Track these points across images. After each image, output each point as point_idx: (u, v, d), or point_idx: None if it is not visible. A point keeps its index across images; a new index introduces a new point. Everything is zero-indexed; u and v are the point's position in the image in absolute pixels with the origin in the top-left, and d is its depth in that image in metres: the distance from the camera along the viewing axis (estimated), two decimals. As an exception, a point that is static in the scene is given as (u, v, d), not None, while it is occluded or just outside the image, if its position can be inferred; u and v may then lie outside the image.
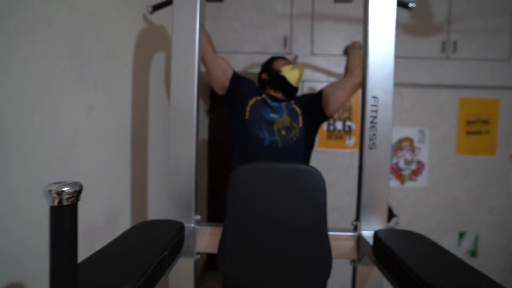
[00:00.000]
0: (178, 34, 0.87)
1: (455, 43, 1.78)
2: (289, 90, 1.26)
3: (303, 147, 1.21)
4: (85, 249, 0.81)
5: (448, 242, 1.87)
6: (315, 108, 1.26)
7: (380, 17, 0.82)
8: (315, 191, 0.74)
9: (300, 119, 1.22)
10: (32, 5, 0.64)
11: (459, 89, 1.84)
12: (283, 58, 1.35)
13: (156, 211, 1.29)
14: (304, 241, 0.74)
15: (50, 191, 0.32)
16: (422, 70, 1.80)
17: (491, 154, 1.84)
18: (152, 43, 1.26)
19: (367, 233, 0.78)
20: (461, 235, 1.87)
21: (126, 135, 1.05)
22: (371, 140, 0.78)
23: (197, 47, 0.86)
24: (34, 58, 0.65)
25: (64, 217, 0.33)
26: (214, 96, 2.46)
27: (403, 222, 1.85)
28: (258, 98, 1.23)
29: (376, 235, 0.66)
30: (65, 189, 0.32)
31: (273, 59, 1.35)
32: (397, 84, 1.81)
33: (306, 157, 1.25)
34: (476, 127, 1.84)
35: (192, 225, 0.83)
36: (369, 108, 0.78)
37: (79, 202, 0.37)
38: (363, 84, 0.82)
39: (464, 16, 1.79)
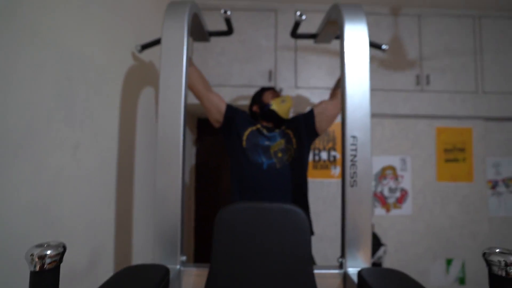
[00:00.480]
0: (166, 71, 0.90)
1: (427, 76, 1.92)
2: (280, 122, 1.31)
3: (299, 166, 1.26)
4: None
5: (436, 270, 1.87)
6: (307, 127, 1.31)
7: (355, 60, 0.88)
8: (299, 231, 0.74)
9: (294, 140, 1.28)
10: (21, 50, 0.66)
11: (435, 119, 1.94)
12: (272, 89, 1.40)
13: (141, 247, 1.25)
14: (290, 282, 0.74)
15: (32, 255, 0.32)
16: (400, 102, 1.91)
17: (469, 181, 1.92)
18: (141, 79, 1.29)
19: (353, 270, 0.78)
20: (449, 262, 1.88)
21: (111, 172, 1.05)
22: (352, 178, 0.81)
23: (183, 84, 0.89)
24: (20, 102, 0.66)
25: (45, 282, 0.32)
26: (201, 126, 2.48)
27: (391, 251, 1.86)
28: (253, 128, 1.29)
29: (360, 275, 0.67)
30: (47, 252, 0.32)
31: (262, 91, 1.40)
32: (378, 115, 1.90)
33: (302, 176, 1.29)
34: (453, 154, 1.93)
35: (178, 266, 0.81)
36: (349, 147, 0.82)
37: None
38: (342, 124, 0.86)
39: (434, 54, 1.94)
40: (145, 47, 1.21)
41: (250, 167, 1.22)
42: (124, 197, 1.13)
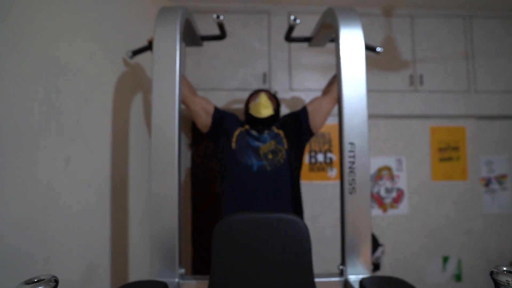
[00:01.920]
0: (159, 77, 0.88)
1: (421, 77, 1.93)
2: (261, 123, 1.26)
3: (291, 168, 1.23)
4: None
5: (433, 268, 1.89)
6: (300, 126, 1.28)
7: (352, 64, 0.88)
8: (299, 240, 0.73)
9: (285, 141, 1.25)
10: (7, 59, 0.64)
11: (429, 119, 1.96)
12: (257, 91, 1.37)
13: (138, 261, 1.22)
14: (292, 293, 0.73)
15: None
16: (394, 102, 1.92)
17: (463, 179, 1.94)
18: (132, 86, 1.26)
19: (354, 278, 0.78)
20: (445, 259, 1.90)
21: (105, 183, 1.02)
22: (350, 185, 0.80)
23: (177, 90, 0.87)
24: (8, 114, 0.64)
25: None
26: (196, 130, 2.46)
27: (389, 250, 1.86)
28: (242, 129, 1.26)
29: (362, 285, 0.66)
30: None
31: (250, 96, 1.38)
32: (373, 116, 1.91)
33: (294, 178, 1.25)
34: (448, 153, 1.95)
35: (176, 280, 0.80)
36: (347, 154, 0.81)
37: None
38: (339, 130, 0.85)
39: (426, 54, 1.96)
40: (136, 53, 1.18)
41: (240, 170, 1.20)
42: (119, 210, 1.11)
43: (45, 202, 0.74)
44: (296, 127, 1.29)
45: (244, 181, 1.19)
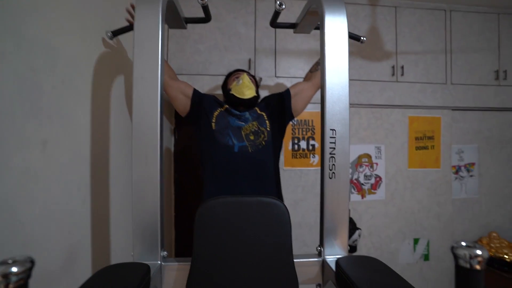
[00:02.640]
0: (140, 60, 0.86)
1: (402, 67, 1.98)
2: (243, 103, 1.25)
3: (273, 150, 1.23)
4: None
5: (405, 249, 2.01)
6: (282, 108, 1.28)
7: (335, 51, 0.89)
8: (280, 222, 0.76)
9: (267, 122, 1.24)
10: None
11: (408, 109, 2.03)
12: (236, 71, 1.36)
13: (120, 244, 1.22)
14: (271, 272, 0.76)
15: None
16: (376, 92, 1.97)
17: (437, 167, 2.05)
18: (113, 68, 1.22)
19: (331, 258, 0.82)
20: (416, 241, 2.03)
21: (85, 166, 1.00)
22: (330, 170, 0.83)
23: (159, 73, 0.85)
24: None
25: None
26: (179, 115, 2.42)
27: (365, 233, 1.96)
28: (222, 109, 1.25)
29: (338, 264, 0.70)
30: (13, 270, 0.29)
31: (227, 77, 1.37)
32: (356, 105, 1.95)
33: (275, 160, 1.25)
34: (423, 142, 2.04)
35: (159, 262, 0.81)
36: (328, 140, 0.84)
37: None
38: (321, 117, 0.87)
39: (408, 45, 2.00)
40: (116, 33, 1.14)
41: (220, 151, 1.16)
42: (100, 193, 1.09)
43: (21, 186, 0.72)
44: (280, 107, 1.28)
45: (225, 162, 1.16)
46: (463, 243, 0.35)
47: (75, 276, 0.90)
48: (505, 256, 1.97)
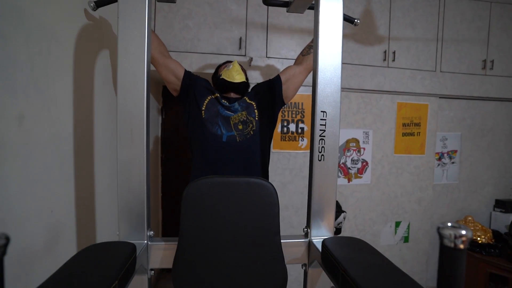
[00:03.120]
0: (125, 34, 0.81)
1: (394, 53, 1.97)
2: (233, 88, 1.25)
3: (260, 140, 1.23)
4: (24, 275, 0.73)
5: (386, 232, 2.10)
6: (272, 96, 1.27)
7: (329, 33, 0.87)
8: (268, 203, 0.76)
9: (256, 112, 1.24)
10: None
11: (397, 95, 2.04)
12: (226, 62, 1.36)
13: (105, 223, 1.20)
14: (258, 253, 0.77)
15: None
16: (367, 76, 1.96)
17: (421, 153, 2.11)
18: (97, 41, 1.15)
19: (317, 239, 0.84)
20: (397, 224, 2.12)
21: (68, 144, 0.96)
22: (320, 152, 0.83)
23: (146, 49, 0.81)
24: None
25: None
26: (167, 94, 2.35)
27: (350, 216, 2.02)
28: (212, 96, 1.23)
29: (323, 244, 0.72)
30: None
31: (217, 68, 1.37)
32: (346, 89, 1.95)
33: (264, 148, 1.26)
34: (410, 129, 2.08)
35: (145, 241, 0.80)
36: (318, 122, 0.83)
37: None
38: (312, 98, 0.86)
39: (401, 30, 1.99)
40: (100, 4, 1.06)
41: (209, 139, 1.18)
42: (84, 172, 1.06)
43: (-3, 162, 0.68)
44: (269, 96, 1.27)
45: (213, 151, 1.18)
46: (449, 224, 0.36)
47: (59, 255, 0.88)
48: (478, 238, 2.09)
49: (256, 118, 1.23)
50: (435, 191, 2.20)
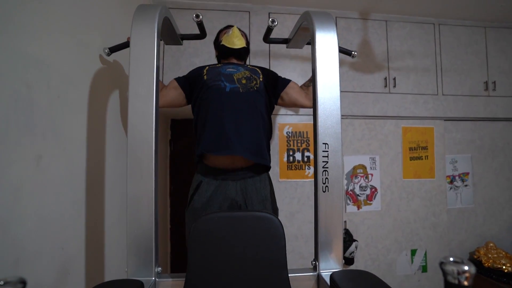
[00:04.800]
0: (136, 77, 0.87)
1: (394, 79, 2.02)
2: (233, 53, 1.27)
3: (264, 98, 1.21)
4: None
5: (402, 261, 2.00)
6: (273, 88, 1.29)
7: (326, 66, 0.91)
8: (274, 237, 0.76)
9: (261, 76, 1.24)
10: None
11: (401, 119, 2.06)
12: (226, 27, 1.39)
13: (114, 260, 1.20)
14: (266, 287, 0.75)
15: None
16: (369, 103, 2.00)
17: (431, 177, 2.07)
18: (110, 83, 1.23)
19: (326, 273, 0.82)
20: (413, 252, 2.02)
21: (80, 181, 1.00)
22: (324, 183, 0.84)
23: (154, 90, 0.87)
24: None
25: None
26: (175, 127, 2.43)
27: (362, 245, 1.95)
28: (211, 65, 1.26)
29: (332, 278, 0.70)
30: None
31: (218, 33, 1.40)
32: (349, 116, 1.98)
33: (267, 109, 1.23)
34: (417, 153, 2.06)
35: (153, 278, 0.80)
36: (320, 154, 0.85)
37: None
38: (314, 131, 0.89)
39: (400, 57, 2.06)
40: (114, 50, 1.16)
41: (211, 92, 1.15)
42: (95, 209, 1.08)
43: (15, 202, 0.71)
44: (271, 84, 1.29)
45: (215, 102, 1.14)
46: (451, 259, 0.36)
47: (67, 293, 0.88)
48: (503, 267, 1.97)
49: (260, 79, 1.22)
50: (450, 215, 2.12)
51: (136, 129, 0.86)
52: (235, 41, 1.26)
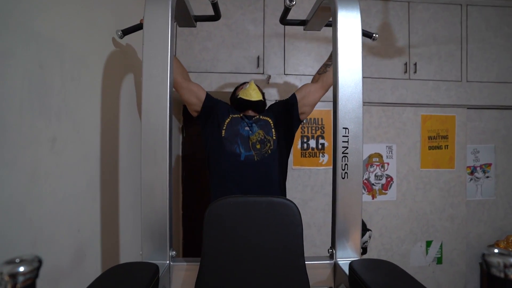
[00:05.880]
0: (149, 59, 0.85)
1: (415, 65, 1.92)
2: (250, 106, 1.27)
3: (278, 158, 1.25)
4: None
5: (417, 252, 1.96)
6: (289, 114, 1.29)
7: (348, 48, 0.86)
8: (291, 223, 0.74)
9: (273, 131, 1.26)
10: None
11: (421, 107, 1.97)
12: (243, 83, 1.40)
13: (129, 243, 1.22)
14: (282, 274, 0.74)
15: (1, 274, 0.28)
16: (387, 90, 1.92)
17: (451, 167, 1.99)
18: (123, 66, 1.22)
19: (343, 261, 0.80)
20: (428, 243, 1.98)
21: (95, 164, 1.00)
22: (343, 170, 0.80)
23: (168, 72, 0.84)
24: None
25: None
26: (187, 113, 2.42)
27: (376, 235, 1.92)
28: (233, 116, 1.26)
29: (351, 267, 0.68)
30: (20, 269, 0.29)
31: (235, 90, 1.41)
32: (366, 103, 1.91)
33: (281, 167, 1.27)
34: (437, 142, 1.98)
35: (168, 262, 0.80)
36: (340, 139, 0.81)
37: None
38: (333, 115, 0.84)
39: (422, 41, 1.94)
40: (126, 32, 1.13)
41: (227, 158, 1.20)
42: (110, 193, 1.09)
43: (30, 184, 0.71)
44: (286, 115, 1.29)
45: (231, 170, 1.20)
46: (496, 250, 0.32)
47: (84, 274, 0.89)
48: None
49: (274, 137, 1.25)
50: (469, 208, 2.05)
51: (150, 113, 0.84)
52: (252, 94, 1.27)
